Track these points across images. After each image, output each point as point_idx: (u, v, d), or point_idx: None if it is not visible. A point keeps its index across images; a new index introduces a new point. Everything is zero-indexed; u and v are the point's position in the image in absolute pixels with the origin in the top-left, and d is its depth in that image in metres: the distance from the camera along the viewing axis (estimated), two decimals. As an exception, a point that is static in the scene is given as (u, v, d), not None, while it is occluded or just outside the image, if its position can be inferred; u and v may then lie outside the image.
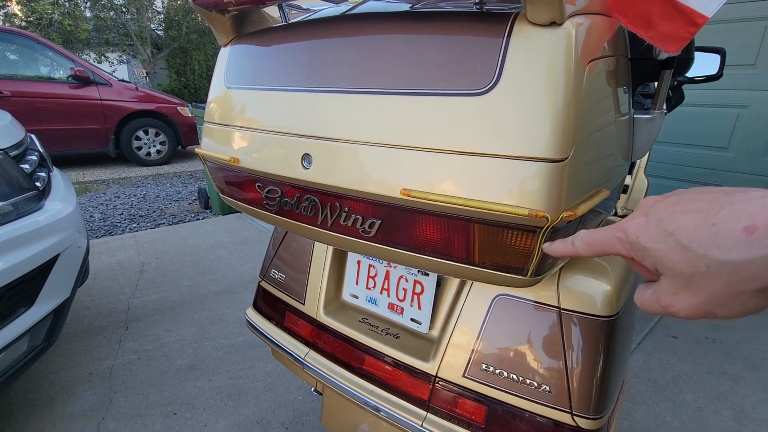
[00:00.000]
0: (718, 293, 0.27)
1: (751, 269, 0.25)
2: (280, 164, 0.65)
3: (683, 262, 0.28)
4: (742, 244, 0.25)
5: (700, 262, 0.27)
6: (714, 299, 0.27)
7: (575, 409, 0.69)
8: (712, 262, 0.27)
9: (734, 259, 0.25)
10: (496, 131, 0.47)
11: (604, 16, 0.57)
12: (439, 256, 0.57)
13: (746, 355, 1.95)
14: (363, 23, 0.61)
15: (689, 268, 0.28)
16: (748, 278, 0.25)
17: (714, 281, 0.27)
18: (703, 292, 0.28)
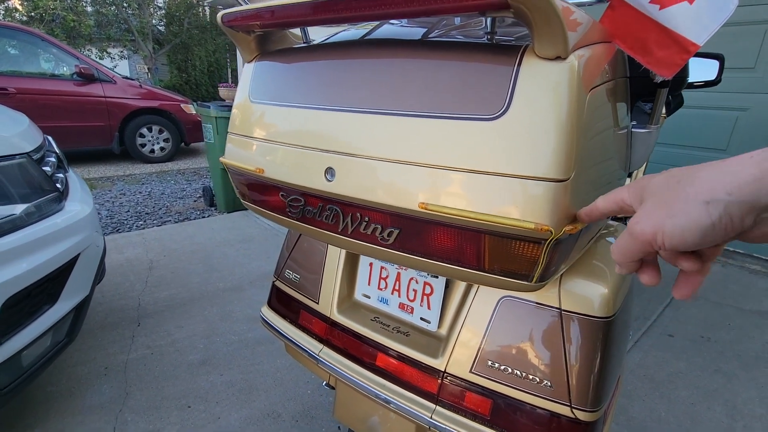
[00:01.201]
0: (675, 201, 0.33)
1: (707, 178, 0.31)
2: (304, 176, 0.71)
3: (662, 181, 0.35)
4: (710, 164, 0.32)
5: (674, 179, 0.34)
6: (669, 208, 0.33)
7: (574, 402, 0.75)
8: (682, 176, 0.33)
9: (697, 172, 0.32)
10: (506, 153, 0.52)
11: (604, 43, 0.62)
12: (452, 262, 0.63)
13: (739, 353, 2.01)
14: (386, 49, 0.66)
15: (664, 183, 0.34)
16: (702, 187, 0.31)
17: (676, 191, 0.33)
18: (663, 202, 0.34)
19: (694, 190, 0.32)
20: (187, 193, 4.73)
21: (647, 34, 0.62)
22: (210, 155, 3.97)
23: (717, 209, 0.30)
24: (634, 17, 0.63)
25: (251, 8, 0.67)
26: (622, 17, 0.64)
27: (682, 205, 0.32)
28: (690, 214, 0.32)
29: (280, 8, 0.62)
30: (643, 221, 0.35)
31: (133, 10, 13.02)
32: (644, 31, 0.62)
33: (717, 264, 3.02)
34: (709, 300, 2.50)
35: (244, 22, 0.72)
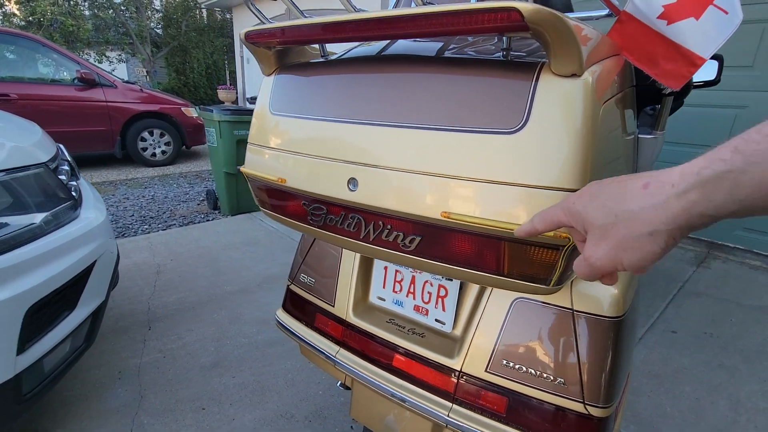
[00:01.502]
0: (623, 238, 0.36)
1: (644, 215, 0.35)
2: (327, 186, 0.73)
3: (601, 216, 0.37)
4: (639, 196, 0.35)
5: (611, 214, 0.37)
6: (620, 244, 0.37)
7: (587, 399, 0.78)
8: (619, 212, 0.36)
9: (632, 208, 0.35)
10: (525, 165, 0.55)
11: (613, 57, 0.65)
12: (472, 267, 0.66)
13: (741, 348, 2.04)
14: (405, 64, 0.69)
15: (604, 220, 0.37)
16: (642, 223, 0.35)
17: (620, 228, 0.36)
18: (612, 239, 0.37)
19: (636, 225, 0.35)
20: (190, 196, 4.75)
21: (655, 47, 0.65)
22: (213, 158, 4.00)
23: (661, 237, 0.34)
24: (642, 31, 0.66)
25: (274, 27, 0.69)
26: (630, 31, 0.67)
27: (631, 241, 0.36)
28: (641, 247, 0.35)
29: (303, 27, 0.65)
30: (601, 258, 0.38)
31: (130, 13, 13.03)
32: (652, 45, 0.65)
33: (718, 260, 3.06)
34: (710, 296, 2.54)
35: (265, 38, 0.74)
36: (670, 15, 0.63)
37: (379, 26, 0.58)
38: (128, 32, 12.82)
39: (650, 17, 0.65)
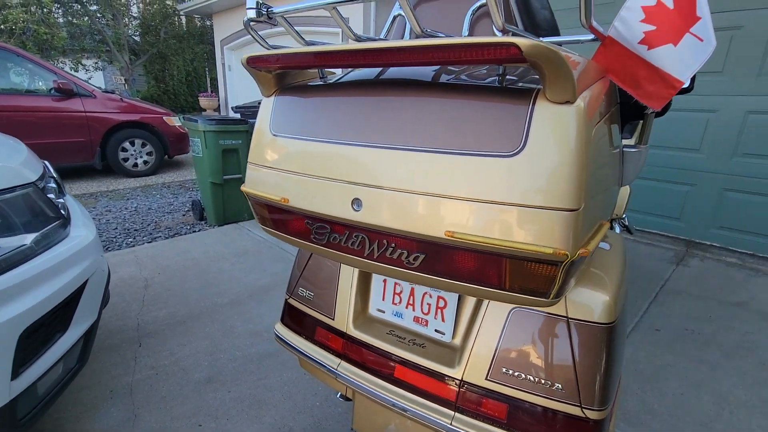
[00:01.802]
0: None
1: None
2: (331, 206, 0.75)
3: None
4: None
5: None
6: None
7: (584, 402, 0.82)
8: None
9: None
10: (524, 186, 0.58)
11: (601, 80, 0.70)
12: (475, 283, 0.68)
13: (721, 343, 2.13)
14: (406, 89, 0.72)
15: None
16: None
17: None
18: None
19: None
20: (174, 207, 4.68)
21: (637, 70, 0.70)
22: (198, 168, 3.96)
23: None
24: (626, 55, 0.70)
25: (276, 53, 0.71)
26: (614, 54, 0.72)
27: None
28: None
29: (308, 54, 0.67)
30: None
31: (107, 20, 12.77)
32: (634, 68, 0.70)
33: (696, 258, 3.18)
34: (691, 294, 2.64)
35: (266, 64, 0.76)
36: (650, 41, 0.68)
37: (389, 55, 0.60)
38: (105, 40, 12.57)
39: (632, 42, 0.69)
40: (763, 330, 2.25)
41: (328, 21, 6.65)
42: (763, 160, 2.99)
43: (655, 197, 3.53)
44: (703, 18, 0.65)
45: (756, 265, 3.03)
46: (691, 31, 0.65)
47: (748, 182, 3.07)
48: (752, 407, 1.71)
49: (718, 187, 3.22)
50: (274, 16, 0.79)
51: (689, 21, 0.65)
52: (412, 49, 0.58)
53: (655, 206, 3.56)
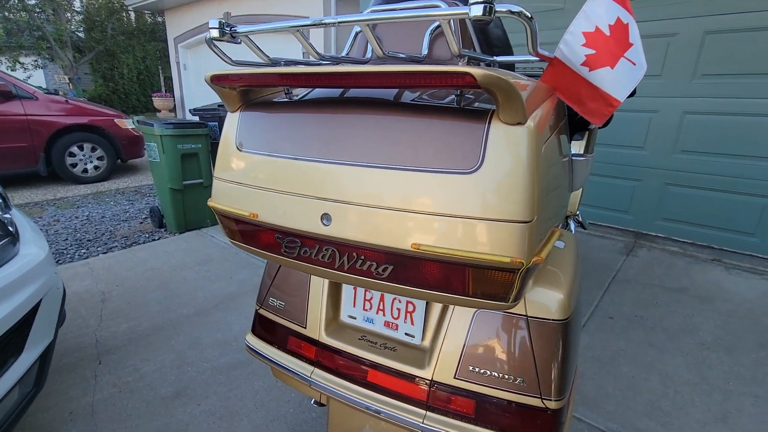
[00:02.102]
0: None
1: None
2: (301, 221, 0.77)
3: None
4: None
5: None
6: None
7: (543, 394, 0.89)
8: None
9: None
10: (482, 201, 0.63)
11: (550, 97, 0.76)
12: (441, 291, 0.73)
13: (666, 327, 2.32)
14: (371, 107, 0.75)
15: None
16: None
17: None
18: None
19: None
20: (131, 214, 4.47)
21: (581, 89, 0.77)
22: (156, 174, 3.80)
23: None
24: (570, 75, 0.77)
25: (240, 73, 0.72)
26: (560, 74, 0.78)
27: None
28: None
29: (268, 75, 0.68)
30: None
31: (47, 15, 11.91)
32: (578, 87, 0.77)
33: (644, 248, 3.42)
34: (639, 282, 2.84)
35: (231, 82, 0.77)
36: (591, 63, 0.75)
37: (352, 79, 0.63)
38: (45, 36, 11.71)
39: (575, 64, 0.76)
40: (703, 313, 2.47)
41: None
42: (699, 156, 3.27)
43: (607, 192, 3.77)
44: (635, 44, 0.73)
45: (695, 253, 3.31)
46: (625, 55, 0.73)
47: (687, 177, 3.34)
48: (694, 385, 1.88)
49: (661, 182, 3.48)
50: (238, 36, 0.80)
51: (623, 46, 0.73)
52: (374, 75, 0.61)
53: (606, 201, 3.80)
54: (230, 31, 0.79)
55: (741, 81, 3.00)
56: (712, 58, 3.07)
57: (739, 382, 1.89)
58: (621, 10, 0.71)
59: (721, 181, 3.20)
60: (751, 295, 2.66)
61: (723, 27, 3.00)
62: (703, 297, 2.65)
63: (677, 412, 1.72)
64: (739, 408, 1.74)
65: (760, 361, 2.03)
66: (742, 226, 3.18)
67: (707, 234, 3.35)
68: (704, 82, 3.14)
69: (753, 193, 3.09)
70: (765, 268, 3.03)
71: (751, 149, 3.04)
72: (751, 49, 2.93)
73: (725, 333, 2.26)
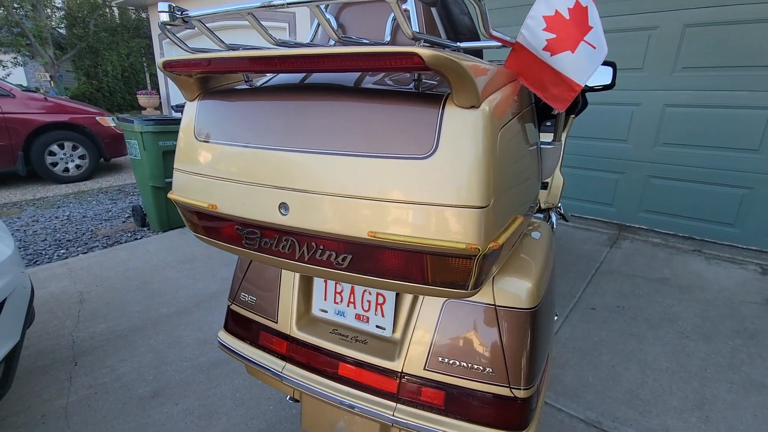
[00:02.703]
0: None
1: None
2: (258, 211, 0.75)
3: None
4: None
5: None
6: None
7: (512, 383, 0.88)
8: None
9: None
10: (437, 186, 0.62)
11: (511, 83, 0.74)
12: (401, 279, 0.71)
13: (647, 317, 2.35)
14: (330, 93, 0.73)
15: None
16: None
17: None
18: None
19: None
20: (113, 213, 4.39)
21: (543, 74, 0.75)
22: (137, 172, 3.73)
23: None
24: (533, 60, 0.76)
25: (191, 58, 0.70)
26: (523, 59, 0.77)
27: None
28: None
29: (227, 60, 0.66)
30: None
31: (26, 11, 11.60)
32: (541, 72, 0.75)
33: (627, 240, 3.46)
34: (622, 273, 2.87)
35: (185, 68, 0.74)
36: (552, 48, 0.74)
37: (301, 62, 0.61)
38: (24, 33, 11.43)
39: (537, 48, 0.75)
40: (683, 302, 2.50)
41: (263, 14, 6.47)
42: (680, 148, 3.30)
43: (591, 185, 3.79)
44: (595, 27, 0.72)
45: (677, 244, 3.35)
46: (585, 39, 0.72)
47: (668, 169, 3.38)
48: (673, 373, 1.90)
49: (644, 174, 3.51)
50: (190, 20, 0.77)
51: (583, 30, 0.72)
52: (320, 57, 0.59)
53: (590, 194, 3.82)
54: (182, 14, 0.76)
55: (720, 74, 3.04)
56: (693, 51, 3.10)
57: (716, 369, 1.92)
58: (580, -7, 0.70)
59: (702, 172, 3.24)
60: (730, 284, 2.70)
61: (702, 20, 3.03)
62: (684, 287, 2.68)
63: (655, 400, 1.74)
64: (715, 395, 1.76)
65: (736, 348, 2.07)
66: (722, 216, 3.23)
67: (689, 225, 3.39)
68: (685, 75, 3.17)
69: (732, 185, 3.13)
70: (744, 257, 3.08)
71: (731, 141, 3.09)
72: (731, 42, 2.96)
73: (704, 321, 2.30)
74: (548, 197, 2.31)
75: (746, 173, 3.06)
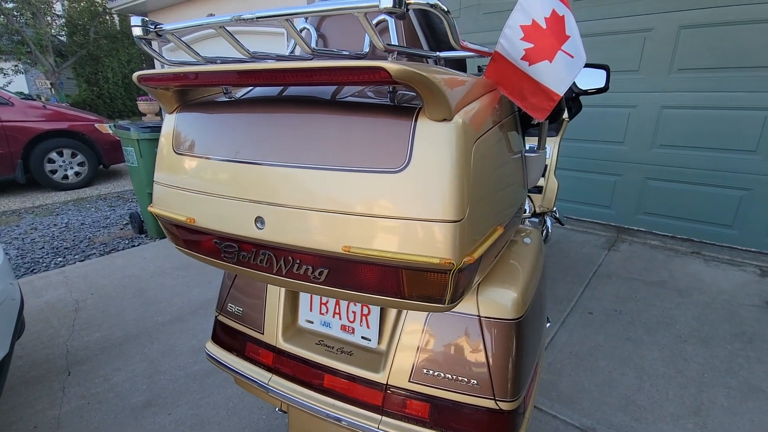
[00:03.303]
0: None
1: None
2: (235, 225, 0.74)
3: None
4: None
5: None
6: None
7: (497, 395, 0.87)
8: None
9: None
10: (410, 201, 0.61)
11: (491, 92, 0.74)
12: (378, 293, 0.70)
13: (645, 321, 2.33)
14: (304, 107, 0.72)
15: None
16: None
17: None
18: None
19: None
20: (111, 220, 4.40)
21: (522, 84, 0.75)
22: (134, 179, 3.74)
23: None
24: (511, 69, 0.75)
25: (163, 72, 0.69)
26: (502, 69, 0.76)
27: None
28: None
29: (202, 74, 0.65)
30: None
31: (26, 19, 11.69)
32: (520, 82, 0.75)
33: (625, 243, 3.44)
34: (619, 276, 2.85)
35: (160, 82, 0.74)
36: (530, 57, 0.73)
37: (268, 76, 0.61)
38: (24, 40, 11.51)
39: (515, 58, 0.74)
40: (681, 305, 2.48)
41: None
42: (677, 150, 3.29)
43: (588, 188, 3.78)
44: (572, 36, 0.71)
45: (675, 246, 3.33)
46: (562, 48, 0.71)
47: (666, 171, 3.36)
48: (670, 378, 1.88)
49: (641, 177, 3.49)
50: (164, 33, 0.77)
51: (560, 39, 0.71)
52: (287, 72, 0.58)
53: (588, 196, 3.81)
54: (155, 29, 0.76)
55: (716, 75, 3.02)
56: (688, 52, 3.09)
57: (714, 374, 1.90)
58: (556, 2, 0.69)
59: (700, 174, 3.23)
60: (728, 287, 2.68)
61: (697, 22, 3.02)
62: (682, 290, 2.66)
63: (651, 406, 1.72)
64: (712, 400, 1.74)
65: (734, 352, 2.04)
66: (720, 218, 3.21)
67: (687, 227, 3.37)
68: (681, 77, 3.16)
69: (731, 186, 3.12)
70: (743, 259, 3.05)
71: (728, 142, 3.07)
72: (726, 43, 2.95)
73: (702, 325, 2.27)
74: (543, 201, 2.30)
75: (744, 174, 3.05)
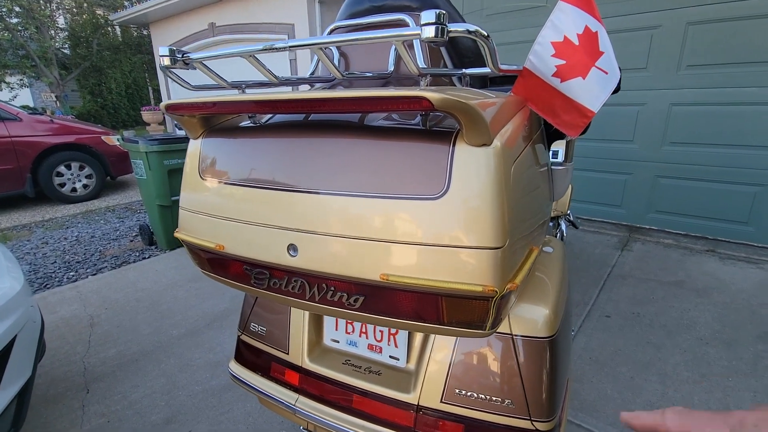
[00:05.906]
0: None
1: None
2: (267, 252, 0.73)
3: None
4: None
5: None
6: None
7: (533, 415, 0.85)
8: None
9: None
10: (450, 228, 0.60)
11: (521, 111, 0.72)
12: (416, 320, 0.69)
13: (664, 323, 2.29)
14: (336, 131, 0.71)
15: None
16: None
17: None
18: None
19: None
20: (121, 232, 4.42)
21: (554, 100, 0.73)
22: (143, 191, 3.75)
23: None
24: (542, 86, 0.74)
25: (193, 102, 0.68)
26: (531, 85, 0.75)
27: None
28: None
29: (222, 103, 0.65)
30: None
31: (30, 33, 11.80)
32: (551, 98, 0.73)
33: (638, 242, 3.40)
34: (635, 277, 2.82)
35: (188, 111, 0.73)
36: (562, 74, 0.72)
37: (306, 105, 0.60)
38: (29, 54, 11.61)
39: (546, 74, 0.73)
40: (699, 306, 2.45)
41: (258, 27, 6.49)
42: (688, 147, 3.25)
43: (599, 187, 3.75)
44: (606, 53, 0.69)
45: (689, 244, 3.29)
46: (596, 65, 0.70)
47: (677, 168, 3.33)
48: (694, 383, 1.85)
49: (652, 175, 3.46)
50: (191, 62, 0.76)
51: (594, 56, 0.70)
52: (330, 101, 0.57)
53: (599, 196, 3.78)
54: (182, 57, 0.75)
55: (725, 71, 2.99)
56: (696, 49, 3.06)
57: (739, 377, 1.87)
58: (589, 18, 0.68)
59: (712, 171, 3.19)
60: (747, 285, 2.64)
61: (705, 17, 2.99)
62: (700, 289, 2.63)
63: (677, 412, 1.69)
64: (738, 405, 1.71)
65: (758, 354, 2.01)
66: (735, 215, 3.17)
67: (701, 225, 3.33)
68: (689, 73, 3.13)
69: (744, 182, 3.08)
70: (760, 256, 3.01)
71: (739, 138, 3.03)
72: (734, 38, 2.91)
73: (723, 326, 2.24)
74: (557, 205, 2.28)
75: (758, 170, 3.01)
